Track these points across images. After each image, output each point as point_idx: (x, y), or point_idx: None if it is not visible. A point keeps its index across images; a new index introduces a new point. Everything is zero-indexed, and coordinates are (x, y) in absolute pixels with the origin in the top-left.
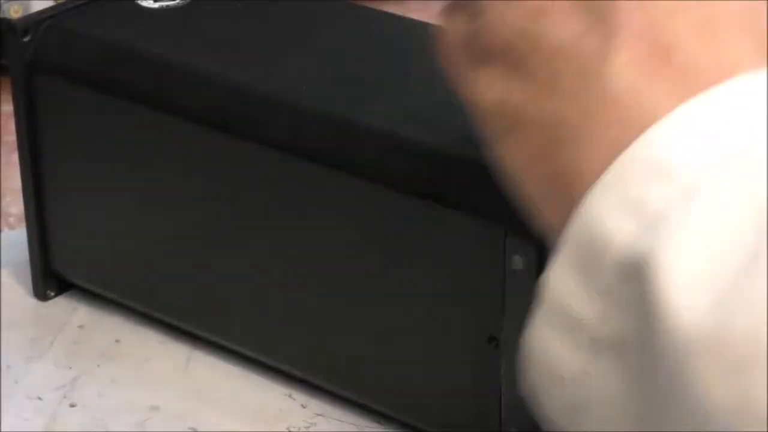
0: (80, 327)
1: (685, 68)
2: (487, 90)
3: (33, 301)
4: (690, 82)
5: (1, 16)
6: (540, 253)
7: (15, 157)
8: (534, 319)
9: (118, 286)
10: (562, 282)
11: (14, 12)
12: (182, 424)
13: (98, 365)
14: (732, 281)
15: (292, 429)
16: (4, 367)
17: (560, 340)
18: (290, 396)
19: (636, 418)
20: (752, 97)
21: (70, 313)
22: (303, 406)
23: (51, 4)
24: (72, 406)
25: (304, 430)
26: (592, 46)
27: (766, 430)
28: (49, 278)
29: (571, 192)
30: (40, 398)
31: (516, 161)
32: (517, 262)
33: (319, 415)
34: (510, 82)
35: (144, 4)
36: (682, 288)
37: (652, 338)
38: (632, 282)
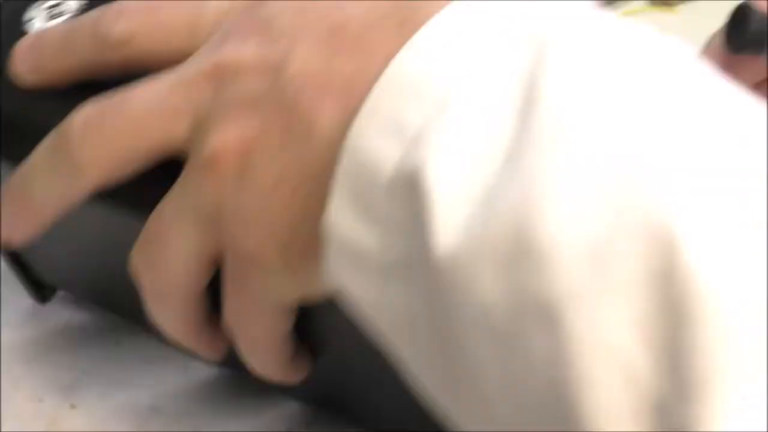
0: (80, 328)
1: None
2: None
3: (33, 302)
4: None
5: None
6: None
7: None
8: (325, 259)
9: (102, 299)
10: (341, 216)
11: None
12: (183, 425)
13: (98, 366)
14: (495, 183)
15: (292, 430)
16: (4, 368)
17: (354, 275)
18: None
19: (428, 333)
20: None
21: (70, 313)
22: (302, 406)
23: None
24: (73, 407)
25: (304, 430)
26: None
27: (539, 320)
28: (37, 284)
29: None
30: (40, 400)
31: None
32: None
33: (318, 415)
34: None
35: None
36: (449, 200)
37: (426, 256)
38: (404, 204)
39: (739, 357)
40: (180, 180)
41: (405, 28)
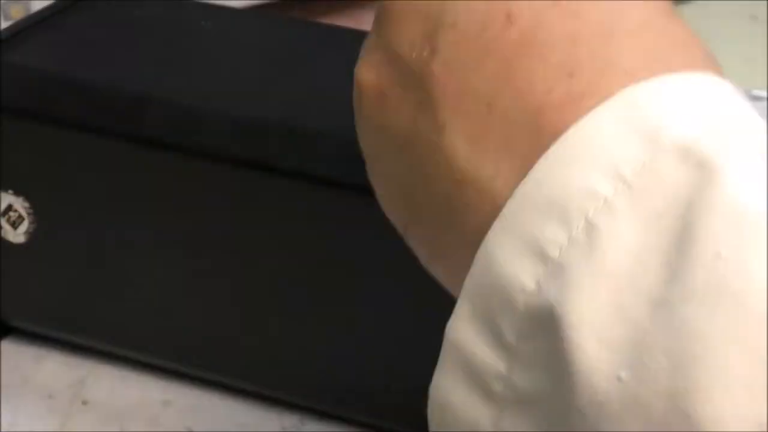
0: None
1: (507, 118)
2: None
3: None
4: (516, 134)
5: (2, 16)
6: None
7: None
8: (440, 369)
9: (79, 327)
10: (465, 334)
11: (15, 13)
12: (194, 417)
13: (107, 362)
14: (645, 334)
15: (286, 429)
16: (12, 365)
17: (469, 393)
18: None
19: None
20: (613, 127)
21: None
22: (297, 407)
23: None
24: (84, 403)
25: (298, 430)
26: (426, 127)
27: None
28: None
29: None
30: (51, 396)
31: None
32: None
33: (311, 415)
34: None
35: None
36: (594, 344)
37: (564, 396)
38: (541, 334)
39: None
40: None
41: (543, 133)
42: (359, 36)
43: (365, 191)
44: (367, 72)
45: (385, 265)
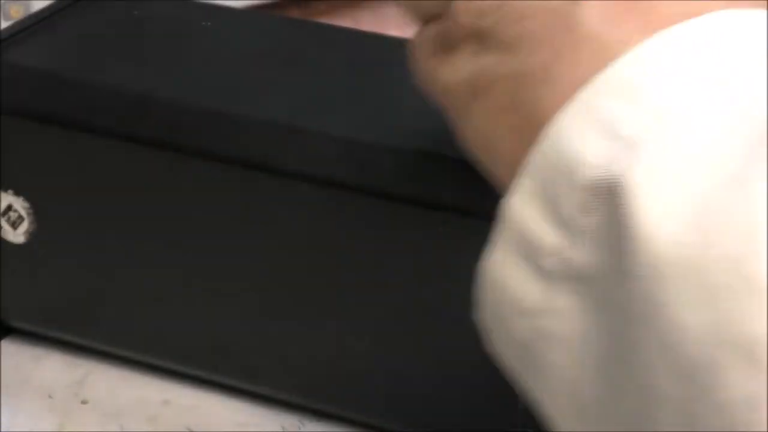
0: None
1: (652, 10)
2: (456, 72)
3: None
4: (658, 21)
5: (2, 16)
6: None
7: None
8: (493, 246)
9: (79, 327)
10: (524, 209)
11: (15, 12)
12: (194, 417)
13: (107, 361)
14: (712, 203)
15: (286, 429)
16: (12, 365)
17: (521, 269)
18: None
19: (599, 354)
20: (721, 29)
21: None
22: (296, 407)
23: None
24: (84, 403)
25: (298, 430)
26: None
27: (740, 357)
28: None
29: (539, 132)
30: (51, 396)
31: (484, 121)
32: None
33: (311, 415)
34: (478, 57)
35: None
36: (658, 212)
37: (623, 265)
38: (603, 207)
39: None
40: None
41: (648, 28)
42: (359, 36)
43: (365, 191)
44: None
45: (386, 265)
